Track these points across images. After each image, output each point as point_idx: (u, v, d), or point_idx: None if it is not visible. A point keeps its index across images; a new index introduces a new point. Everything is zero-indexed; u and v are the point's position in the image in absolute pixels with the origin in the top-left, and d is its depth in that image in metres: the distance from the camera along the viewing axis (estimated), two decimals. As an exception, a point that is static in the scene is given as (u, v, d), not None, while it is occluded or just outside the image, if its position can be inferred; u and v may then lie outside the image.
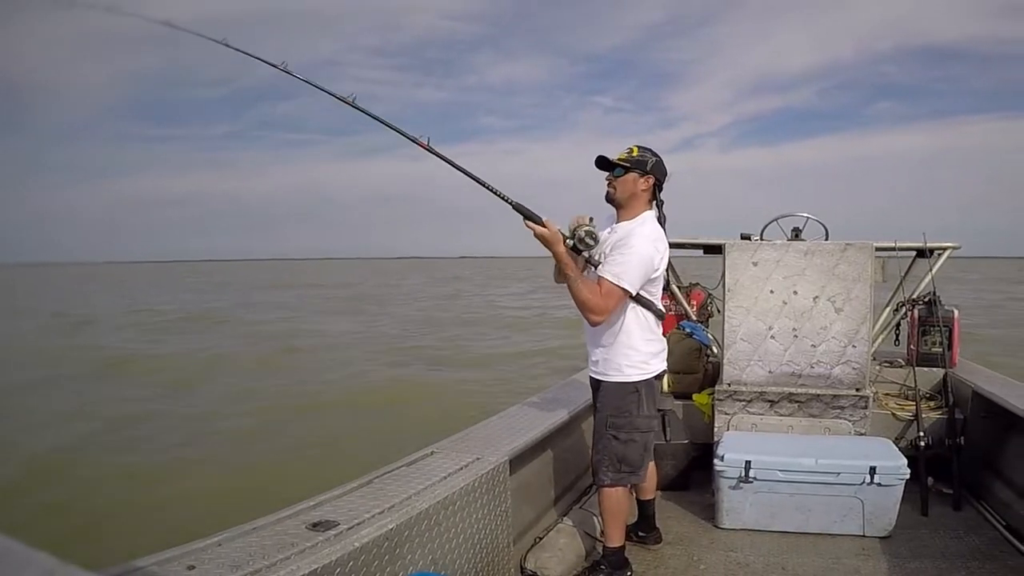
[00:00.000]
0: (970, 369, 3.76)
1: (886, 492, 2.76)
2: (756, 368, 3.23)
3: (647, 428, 2.44)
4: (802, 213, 3.59)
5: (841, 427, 3.14)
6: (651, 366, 2.42)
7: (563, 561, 2.59)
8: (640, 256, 2.26)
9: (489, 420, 2.80)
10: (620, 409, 2.40)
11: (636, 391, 2.39)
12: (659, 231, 2.38)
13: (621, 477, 2.42)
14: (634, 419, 2.40)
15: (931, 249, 3.55)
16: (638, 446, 2.42)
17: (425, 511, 1.86)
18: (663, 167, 2.42)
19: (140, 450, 6.81)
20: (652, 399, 2.44)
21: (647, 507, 2.81)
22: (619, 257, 2.27)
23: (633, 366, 2.39)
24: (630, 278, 2.24)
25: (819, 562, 2.63)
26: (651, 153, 2.40)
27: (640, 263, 2.26)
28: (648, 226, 2.36)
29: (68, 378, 10.50)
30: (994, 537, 2.81)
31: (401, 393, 9.08)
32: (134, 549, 1.62)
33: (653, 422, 2.48)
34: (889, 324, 3.79)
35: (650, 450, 2.52)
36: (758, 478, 2.82)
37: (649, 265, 2.29)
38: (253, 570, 1.40)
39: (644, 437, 2.44)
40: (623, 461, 2.41)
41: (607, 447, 2.42)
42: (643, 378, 2.40)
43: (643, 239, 2.29)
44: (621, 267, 2.25)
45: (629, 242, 2.28)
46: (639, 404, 2.39)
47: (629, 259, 2.25)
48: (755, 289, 3.23)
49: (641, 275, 2.27)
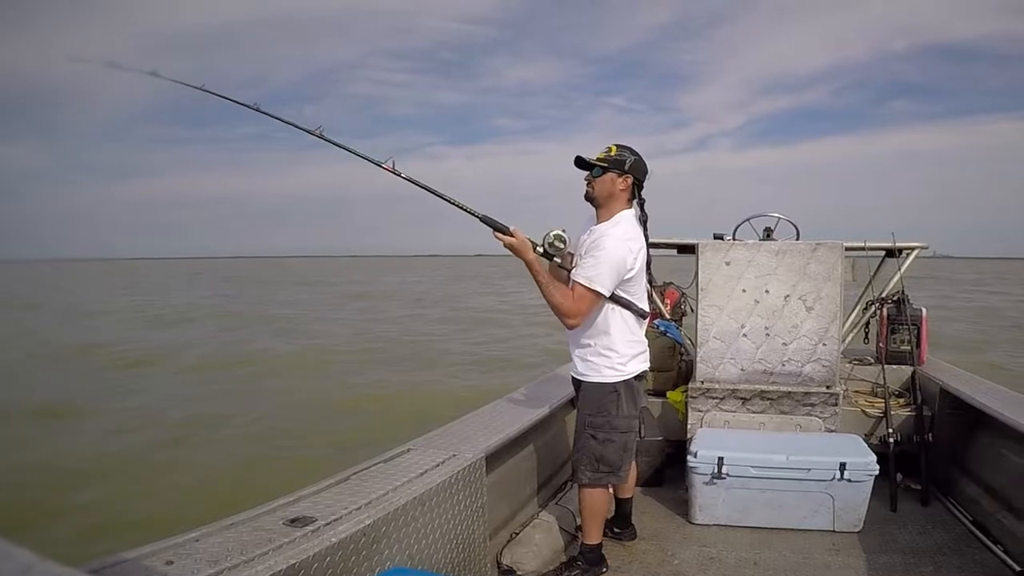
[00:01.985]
0: (938, 367, 3.83)
1: (856, 488, 2.80)
2: (729, 366, 3.26)
3: (627, 428, 2.43)
4: (773, 213, 3.65)
5: (812, 424, 3.18)
6: (630, 367, 2.41)
7: (539, 556, 2.60)
8: (611, 258, 2.25)
9: (466, 417, 2.79)
10: (599, 409, 2.40)
11: (615, 391, 2.39)
12: (633, 230, 2.36)
13: (600, 477, 2.43)
14: (613, 419, 2.39)
15: (900, 249, 3.62)
16: (617, 446, 2.41)
17: (402, 507, 1.86)
18: (642, 165, 2.40)
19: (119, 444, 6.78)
20: (632, 399, 2.43)
21: (624, 505, 2.81)
22: (590, 260, 2.27)
23: (612, 367, 2.38)
24: (602, 280, 2.24)
25: (790, 557, 2.65)
26: (630, 152, 2.38)
27: (611, 265, 2.25)
28: (621, 226, 2.34)
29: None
30: (961, 532, 2.86)
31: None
32: (112, 545, 1.60)
33: (633, 422, 2.46)
34: (859, 323, 3.85)
35: (630, 450, 2.50)
36: (731, 474, 2.84)
37: (621, 266, 2.28)
38: (231, 565, 1.40)
39: (623, 437, 2.43)
40: (601, 461, 2.41)
41: (586, 446, 2.43)
42: (622, 379, 2.39)
43: (614, 240, 2.28)
44: (593, 270, 2.25)
45: (601, 244, 2.28)
46: (618, 404, 2.39)
47: (600, 261, 2.25)
48: (727, 288, 3.27)
49: (613, 276, 2.27)
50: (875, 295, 3.78)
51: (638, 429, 2.49)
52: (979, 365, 7.37)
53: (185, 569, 1.38)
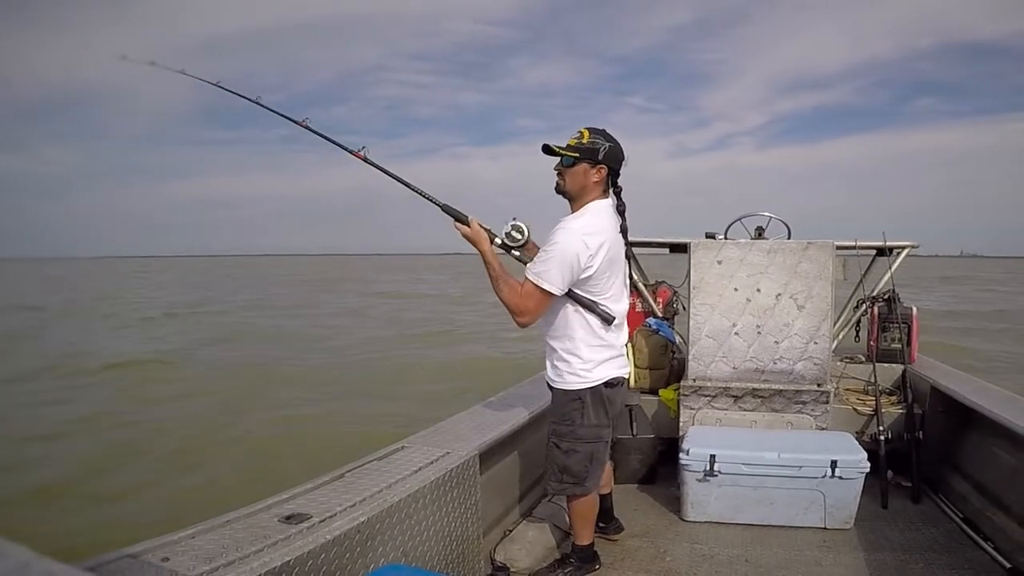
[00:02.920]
0: (929, 365, 3.85)
1: (847, 485, 2.81)
2: (720, 364, 3.27)
3: (592, 438, 2.28)
4: (764, 212, 3.67)
5: (803, 422, 3.20)
6: (595, 373, 2.24)
7: (532, 554, 2.62)
8: (562, 253, 2.07)
9: (459, 415, 2.80)
10: (562, 417, 2.29)
11: (579, 399, 2.25)
12: (598, 223, 2.16)
13: (564, 488, 2.33)
14: (576, 428, 2.26)
15: (890, 248, 3.64)
16: (581, 456, 2.28)
17: (396, 504, 1.87)
18: (617, 152, 2.20)
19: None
20: (601, 407, 2.27)
21: (604, 500, 2.70)
22: (542, 255, 2.12)
23: (574, 373, 2.24)
24: (550, 277, 2.08)
25: (782, 554, 2.66)
26: (603, 138, 2.18)
27: (561, 261, 2.07)
28: (582, 219, 2.16)
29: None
30: (951, 529, 2.87)
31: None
32: (108, 542, 1.61)
33: (603, 431, 2.31)
34: (850, 321, 3.88)
35: (599, 460, 2.35)
36: (723, 472, 2.85)
37: (574, 262, 2.08)
38: (227, 562, 1.41)
39: (588, 447, 2.29)
40: (565, 471, 2.30)
41: (551, 455, 2.34)
42: (586, 386, 2.24)
43: (569, 234, 2.09)
44: (542, 265, 2.09)
45: (553, 237, 2.11)
46: (582, 413, 2.25)
47: (550, 256, 2.08)
48: (719, 287, 3.28)
49: (564, 273, 2.08)
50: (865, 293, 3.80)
51: (608, 438, 2.36)
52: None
53: (181, 566, 1.38)
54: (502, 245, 2.22)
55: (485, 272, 2.19)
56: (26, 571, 0.45)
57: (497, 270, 2.15)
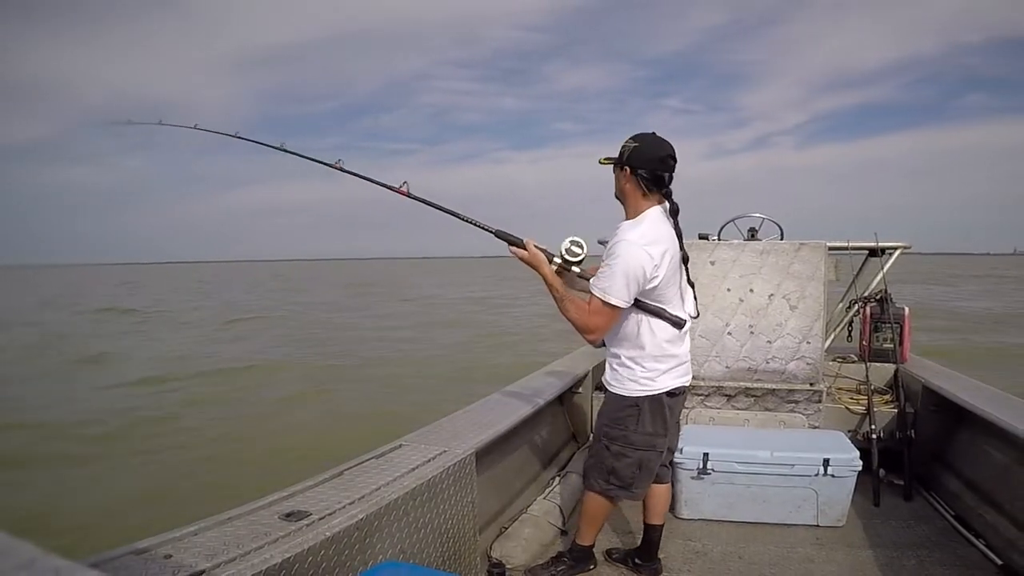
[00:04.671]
0: (921, 364, 3.88)
1: (839, 483, 2.83)
2: (714, 364, 3.29)
3: (645, 446, 2.23)
4: (757, 214, 3.70)
5: (796, 420, 3.21)
6: (658, 383, 2.19)
7: (527, 550, 2.63)
8: (625, 265, 2.03)
9: (456, 413, 2.82)
10: (615, 421, 2.25)
11: (635, 406, 2.20)
12: (655, 231, 2.09)
13: (610, 489, 2.29)
14: (630, 435, 2.22)
15: (883, 248, 3.67)
16: (631, 462, 2.24)
17: (394, 502, 1.89)
18: (645, 152, 2.10)
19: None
20: (660, 416, 2.22)
21: (652, 532, 2.53)
22: (605, 270, 2.07)
23: (635, 380, 2.20)
24: (616, 292, 2.04)
25: (775, 551, 2.68)
26: (633, 140, 2.12)
27: (625, 273, 2.03)
28: (640, 228, 2.09)
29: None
30: (943, 527, 2.89)
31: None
32: (112, 539, 1.63)
33: (657, 440, 2.24)
34: (842, 321, 3.90)
35: (648, 468, 2.27)
36: (716, 470, 2.87)
37: (639, 273, 2.03)
38: (228, 559, 1.43)
39: (639, 455, 2.23)
40: (612, 474, 2.27)
41: (599, 455, 2.31)
42: (646, 394, 2.19)
43: (628, 245, 2.04)
44: (607, 280, 2.05)
45: (614, 251, 2.07)
46: (638, 420, 2.21)
47: (615, 271, 2.04)
48: (713, 287, 3.31)
49: (630, 286, 2.05)
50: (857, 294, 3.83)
51: (662, 448, 2.28)
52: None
53: (183, 562, 1.40)
54: (563, 262, 2.18)
55: (548, 294, 2.16)
56: (32, 567, 0.45)
57: (560, 291, 2.13)
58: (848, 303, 3.88)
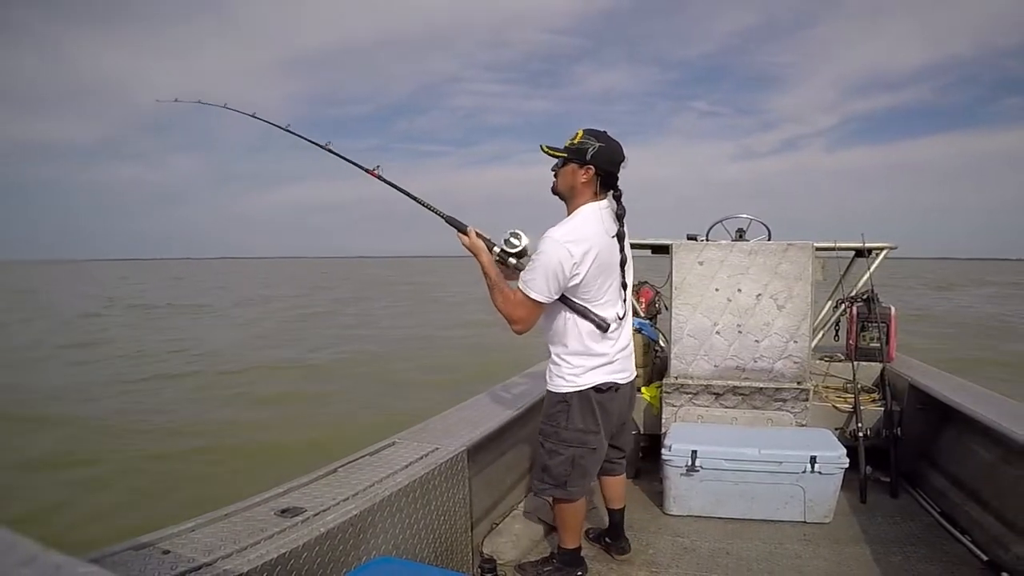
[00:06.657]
0: (907, 363, 3.93)
1: (826, 480, 2.86)
2: (702, 362, 3.33)
3: (577, 443, 2.24)
4: (744, 215, 3.74)
5: (783, 419, 3.25)
6: (583, 379, 2.22)
7: (518, 546, 2.68)
8: (547, 261, 2.06)
9: (448, 411, 2.86)
10: (549, 417, 2.29)
11: (564, 402, 2.24)
12: (583, 229, 2.11)
13: (544, 488, 2.32)
14: (560, 431, 2.24)
15: (869, 249, 3.72)
16: (563, 459, 2.25)
17: (387, 498, 1.92)
18: (610, 154, 2.15)
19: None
20: (589, 412, 2.23)
21: (614, 515, 2.67)
22: (530, 264, 2.12)
23: (563, 376, 2.24)
24: (537, 286, 2.08)
25: (762, 547, 2.71)
26: (595, 138, 2.14)
27: (546, 269, 2.06)
28: (566, 227, 2.13)
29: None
30: (929, 523, 2.93)
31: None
32: (110, 535, 1.67)
33: (588, 437, 2.25)
34: (830, 320, 3.95)
35: (581, 467, 2.28)
36: (704, 467, 2.90)
37: (559, 269, 2.06)
38: (225, 554, 1.46)
39: (571, 451, 2.25)
40: (546, 471, 2.30)
41: (537, 453, 2.37)
42: (574, 390, 2.22)
43: (551, 243, 2.07)
44: (530, 274, 2.10)
45: (540, 247, 2.10)
46: (568, 416, 2.23)
47: (536, 266, 2.08)
48: (701, 287, 3.34)
49: (549, 282, 2.07)
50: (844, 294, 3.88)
51: (595, 445, 2.28)
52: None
53: (181, 558, 1.43)
54: (501, 253, 2.22)
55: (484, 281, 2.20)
56: (34, 564, 0.47)
57: (494, 279, 2.16)
58: (835, 303, 3.92)
